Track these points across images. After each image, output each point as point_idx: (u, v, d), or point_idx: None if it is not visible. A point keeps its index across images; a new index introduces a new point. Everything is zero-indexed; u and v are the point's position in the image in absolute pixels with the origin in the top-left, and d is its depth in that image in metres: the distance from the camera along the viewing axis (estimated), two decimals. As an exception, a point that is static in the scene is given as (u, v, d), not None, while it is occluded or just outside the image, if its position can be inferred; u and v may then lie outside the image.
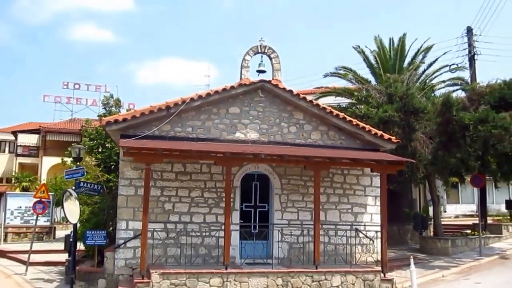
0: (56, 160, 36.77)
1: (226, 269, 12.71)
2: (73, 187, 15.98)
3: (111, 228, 15.59)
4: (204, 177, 14.58)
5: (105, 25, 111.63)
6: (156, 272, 12.21)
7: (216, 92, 14.72)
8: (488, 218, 25.98)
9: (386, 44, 26.95)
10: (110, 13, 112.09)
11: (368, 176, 15.98)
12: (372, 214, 15.89)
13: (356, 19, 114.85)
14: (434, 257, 19.83)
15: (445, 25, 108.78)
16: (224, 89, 14.77)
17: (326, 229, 14.91)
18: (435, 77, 27.12)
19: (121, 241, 13.64)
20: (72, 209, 14.82)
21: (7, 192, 31.15)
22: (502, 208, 31.00)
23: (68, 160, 21.78)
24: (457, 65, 26.07)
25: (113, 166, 18.21)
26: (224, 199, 13.64)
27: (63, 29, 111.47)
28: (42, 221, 26.46)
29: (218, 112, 14.94)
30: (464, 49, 26.18)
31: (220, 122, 14.91)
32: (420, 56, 26.70)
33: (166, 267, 13.03)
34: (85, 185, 16.38)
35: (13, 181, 40.06)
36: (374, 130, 15.91)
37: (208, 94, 14.61)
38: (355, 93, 24.93)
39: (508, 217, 28.27)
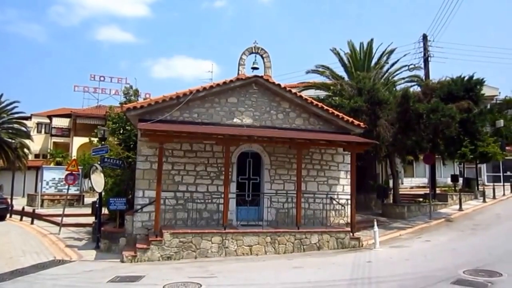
0: (85, 139, 36.60)
1: (225, 229, 12.77)
2: (99, 162, 15.91)
3: (130, 196, 15.49)
4: (207, 155, 14.54)
5: (127, 28, 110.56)
6: (167, 232, 12.25)
7: (218, 85, 14.64)
8: (436, 189, 26.11)
9: (357, 47, 26.78)
10: (130, 18, 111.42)
11: (341, 155, 15.98)
12: (343, 185, 15.90)
13: (335, 23, 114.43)
14: (393, 220, 19.89)
15: (406, 31, 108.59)
16: (224, 83, 14.68)
17: (307, 197, 15.02)
18: (396, 74, 27.02)
19: (139, 207, 13.63)
20: (98, 180, 14.82)
21: (43, 166, 30.92)
22: (448, 181, 31.17)
23: (95, 139, 21.57)
24: (414, 65, 25.97)
25: (132, 145, 18.08)
26: (223, 172, 13.68)
27: (91, 31, 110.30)
28: (73, 190, 26.37)
29: (219, 101, 14.84)
30: (420, 52, 26.01)
31: (220, 109, 14.81)
32: (385, 58, 26.57)
33: (176, 228, 13.05)
34: (109, 160, 16.28)
35: (48, 157, 39.71)
36: (346, 117, 15.88)
37: (211, 87, 14.52)
38: (331, 87, 24.78)
39: (453, 188, 28.43)
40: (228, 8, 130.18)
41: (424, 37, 26.22)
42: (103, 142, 17.14)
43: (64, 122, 45.73)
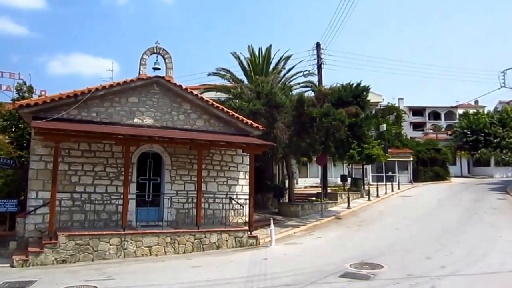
0: (-31, 137, 33.21)
1: (124, 230, 12.56)
2: (-14, 162, 14.74)
3: (22, 198, 14.54)
4: (107, 155, 14.14)
5: (20, 20, 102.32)
6: (62, 234, 11.76)
7: (118, 84, 14.32)
8: (328, 188, 27.51)
9: (257, 52, 27.36)
10: (24, 10, 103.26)
11: (240, 156, 16.41)
12: (242, 185, 16.35)
13: (237, 28, 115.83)
14: (288, 218, 20.65)
15: (302, 38, 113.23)
16: (125, 82, 14.38)
17: (207, 197, 15.22)
18: (293, 80, 28.16)
19: (32, 208, 12.89)
20: (-15, 181, 13.71)
21: None
22: (338, 180, 32.96)
23: (-19, 137, 19.83)
24: (308, 71, 27.13)
25: (25, 144, 16.96)
26: (123, 173, 13.41)
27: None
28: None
29: (120, 101, 14.49)
30: (314, 59, 27.26)
31: (121, 109, 14.48)
32: (282, 63, 27.49)
33: (72, 230, 12.56)
34: (-2, 159, 15.15)
35: None
36: (245, 120, 16.33)
37: (111, 85, 14.17)
38: (232, 90, 25.05)
39: (342, 188, 30.08)
40: (129, 6, 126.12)
41: (318, 45, 27.53)
42: (-10, 141, 15.89)
43: None
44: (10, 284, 9.29)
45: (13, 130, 17.84)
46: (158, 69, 15.55)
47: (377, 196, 28.93)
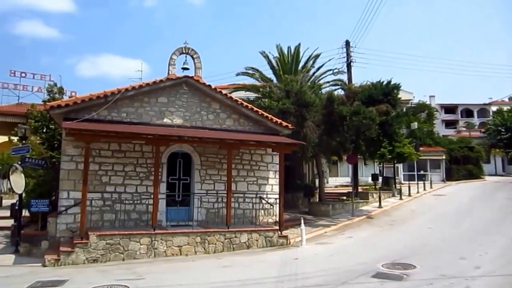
0: (4, 138, 34.11)
1: (154, 230, 12.50)
2: (19, 162, 14.92)
3: (54, 198, 14.70)
4: (137, 155, 14.11)
5: (51, 23, 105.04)
6: (93, 234, 11.77)
7: (147, 84, 14.29)
8: (359, 187, 27.03)
9: (285, 51, 27.15)
10: (55, 13, 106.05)
11: (270, 155, 16.17)
12: (272, 185, 16.09)
13: (266, 28, 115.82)
14: (319, 218, 20.38)
15: (331, 37, 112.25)
16: (154, 82, 14.34)
17: (236, 197, 15.04)
18: (322, 78, 27.76)
19: (63, 208, 12.93)
20: (18, 181, 13.89)
21: (-44, 165, 28.53)
22: (369, 180, 32.34)
23: (15, 138, 20.26)
24: (338, 69, 26.71)
25: (56, 145, 17.19)
26: (153, 173, 13.35)
27: (10, 25, 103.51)
28: (-10, 192, 24.55)
29: (149, 101, 14.47)
30: (344, 57, 26.91)
31: (150, 109, 14.45)
32: (311, 62, 27.21)
33: (102, 229, 12.57)
34: (30, 160, 15.31)
35: (-40, 157, 36.63)
36: (275, 119, 16.11)
37: (141, 86, 14.15)
38: (261, 89, 24.93)
39: (373, 187, 29.67)
40: (158, 8, 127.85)
41: (347, 43, 27.18)
42: (24, 141, 16.11)
43: (-21, 120, 42.40)
44: (42, 283, 9.32)
45: (44, 131, 18.13)
46: (187, 69, 15.46)
47: (409, 195, 28.33)
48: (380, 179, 31.56)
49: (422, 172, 38.23)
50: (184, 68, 15.44)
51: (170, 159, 14.71)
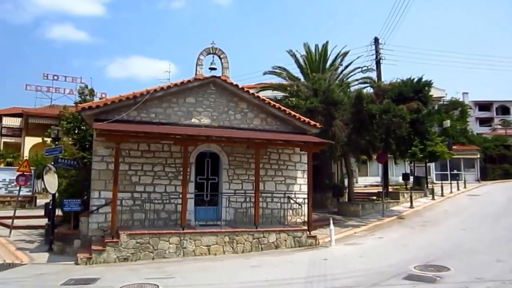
0: (37, 140, 35.12)
1: (183, 229, 12.60)
2: (52, 163, 15.35)
3: (85, 197, 15.03)
4: (165, 155, 14.28)
5: (81, 27, 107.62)
6: (124, 233, 11.95)
7: (175, 85, 14.43)
8: (389, 187, 26.60)
9: (313, 49, 26.90)
10: (85, 17, 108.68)
11: (298, 154, 16.08)
12: (300, 184, 16.01)
13: (292, 26, 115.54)
14: (348, 218, 20.13)
15: (359, 34, 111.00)
16: (182, 83, 14.47)
17: (265, 196, 15.01)
18: (350, 76, 27.26)
19: (94, 208, 13.21)
20: (51, 181, 14.29)
21: (-8, 166, 29.50)
22: (400, 179, 31.84)
23: (48, 139, 20.81)
24: (367, 67, 26.35)
25: (87, 145, 17.58)
26: (181, 172, 13.49)
27: (43, 29, 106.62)
28: (25, 191, 25.19)
29: (177, 101, 14.61)
30: (372, 55, 26.50)
31: (178, 109, 14.59)
32: (339, 60, 26.78)
33: (133, 229, 12.77)
34: (63, 160, 15.75)
35: (-2, 158, 37.89)
36: (302, 118, 16.01)
37: (169, 87, 14.30)
38: (288, 88, 24.80)
39: (404, 186, 29.16)
40: (185, 9, 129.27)
41: (376, 40, 26.75)
42: (56, 142, 16.56)
43: (15, 122, 43.63)
44: (75, 280, 9.56)
45: (76, 132, 18.53)
46: (214, 69, 15.55)
47: (442, 195, 27.61)
48: (411, 178, 30.99)
49: (455, 172, 37.34)
50: (211, 68, 15.55)
51: (198, 159, 14.82)
